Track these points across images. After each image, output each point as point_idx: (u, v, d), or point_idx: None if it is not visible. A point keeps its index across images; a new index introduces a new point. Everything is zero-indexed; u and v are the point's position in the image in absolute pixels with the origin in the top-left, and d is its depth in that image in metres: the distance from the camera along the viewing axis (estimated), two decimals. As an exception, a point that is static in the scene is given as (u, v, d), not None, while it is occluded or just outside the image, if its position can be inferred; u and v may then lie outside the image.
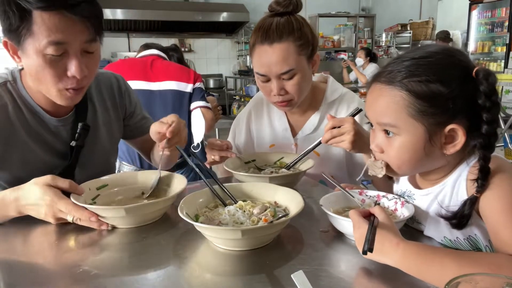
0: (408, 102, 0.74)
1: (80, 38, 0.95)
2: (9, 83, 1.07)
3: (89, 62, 1.00)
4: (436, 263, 0.64)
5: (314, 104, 1.40)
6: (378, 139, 0.82)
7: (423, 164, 0.80)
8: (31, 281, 0.72)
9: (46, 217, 0.90)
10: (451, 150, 0.75)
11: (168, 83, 2.22)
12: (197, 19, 7.27)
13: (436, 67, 0.73)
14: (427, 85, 0.72)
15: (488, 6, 7.19)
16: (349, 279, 0.70)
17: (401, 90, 0.75)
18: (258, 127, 1.48)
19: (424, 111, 0.73)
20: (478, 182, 0.72)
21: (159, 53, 2.38)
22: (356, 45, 7.96)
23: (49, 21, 0.90)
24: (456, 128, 0.73)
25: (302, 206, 0.82)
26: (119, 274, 0.73)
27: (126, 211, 0.88)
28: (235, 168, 1.21)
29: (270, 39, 1.20)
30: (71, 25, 0.92)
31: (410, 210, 0.83)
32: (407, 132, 0.76)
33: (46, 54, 0.92)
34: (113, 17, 6.67)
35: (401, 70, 0.75)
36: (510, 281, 0.48)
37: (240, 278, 0.71)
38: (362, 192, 0.95)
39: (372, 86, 0.81)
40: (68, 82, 0.98)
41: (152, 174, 1.12)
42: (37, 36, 0.91)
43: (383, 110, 0.78)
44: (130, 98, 1.32)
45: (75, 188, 0.94)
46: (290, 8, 1.23)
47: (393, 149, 0.79)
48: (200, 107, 2.34)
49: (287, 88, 1.24)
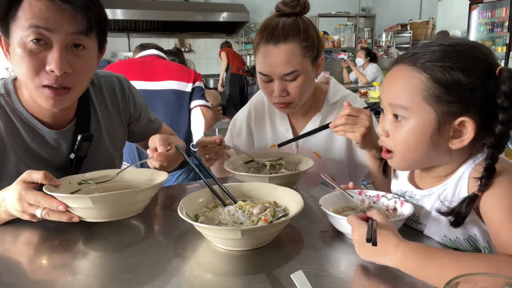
0: (426, 85, 0.73)
1: (67, 29, 0.87)
2: (1, 97, 0.99)
3: (76, 60, 0.92)
4: (436, 264, 0.64)
5: (315, 106, 1.39)
6: (386, 122, 0.81)
7: (427, 155, 0.78)
8: (30, 281, 0.72)
9: (22, 214, 0.86)
10: (458, 145, 0.75)
11: (168, 82, 2.23)
12: (197, 19, 7.26)
13: (461, 56, 0.73)
14: (449, 71, 0.71)
15: (488, 6, 7.18)
16: (349, 279, 0.70)
17: (421, 72, 0.74)
18: (258, 127, 1.48)
19: (439, 96, 0.72)
20: (481, 181, 0.72)
21: (158, 53, 2.39)
22: (356, 45, 7.96)
23: (36, 6, 0.85)
24: (466, 122, 0.72)
25: (302, 206, 0.82)
26: (119, 274, 0.73)
27: (93, 201, 0.83)
28: (235, 168, 1.21)
29: (276, 39, 1.19)
30: (59, 13, 0.86)
31: (410, 209, 0.83)
32: (417, 116, 0.75)
33: (26, 42, 0.86)
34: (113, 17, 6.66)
35: (426, 54, 0.75)
36: (509, 281, 0.48)
37: (240, 278, 0.71)
38: (361, 192, 0.95)
39: (393, 67, 0.80)
40: (45, 77, 0.89)
41: (138, 171, 1.10)
42: (21, 21, 0.86)
43: (398, 91, 0.78)
44: (134, 102, 1.26)
45: (51, 179, 0.87)
46: (297, 9, 1.22)
47: (400, 133, 0.78)
48: (200, 105, 2.34)
49: (289, 89, 1.23)
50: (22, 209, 0.85)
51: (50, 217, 0.85)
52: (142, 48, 2.50)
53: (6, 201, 0.87)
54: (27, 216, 0.87)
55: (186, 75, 2.28)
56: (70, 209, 0.85)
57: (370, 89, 4.94)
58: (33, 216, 0.87)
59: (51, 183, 0.88)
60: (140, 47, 2.55)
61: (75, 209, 0.86)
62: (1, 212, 0.89)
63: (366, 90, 4.87)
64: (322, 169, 1.31)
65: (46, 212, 0.84)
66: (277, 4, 1.24)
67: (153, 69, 2.25)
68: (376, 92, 4.51)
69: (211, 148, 1.23)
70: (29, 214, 0.86)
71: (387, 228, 0.71)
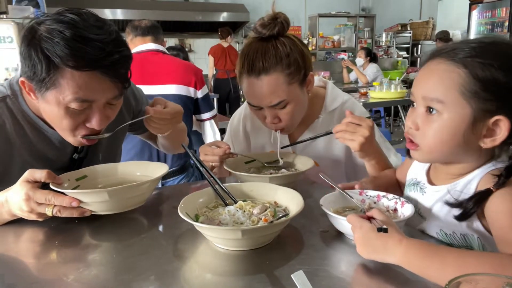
0: (464, 80, 0.72)
1: (107, 96, 0.92)
2: (8, 98, 1.00)
3: (111, 112, 0.98)
4: (438, 261, 0.64)
5: (313, 112, 1.35)
6: (417, 115, 0.80)
7: (455, 152, 0.78)
8: (31, 281, 0.72)
9: (29, 214, 0.87)
10: (489, 144, 0.74)
11: (170, 86, 2.13)
12: (197, 19, 7.26)
13: (502, 55, 0.72)
14: (489, 68, 0.71)
15: (488, 6, 7.18)
16: (349, 279, 0.70)
17: (460, 67, 0.73)
18: (255, 133, 1.45)
19: (477, 93, 0.71)
20: (500, 178, 0.72)
21: (157, 47, 2.21)
22: (356, 45, 7.96)
23: (79, 79, 0.86)
24: (501, 121, 0.72)
25: (302, 206, 0.82)
26: (119, 275, 0.73)
27: (109, 194, 0.87)
28: (235, 168, 1.21)
29: (257, 72, 1.13)
30: (101, 84, 0.89)
31: (410, 210, 0.83)
32: (453, 111, 0.74)
33: (69, 107, 0.89)
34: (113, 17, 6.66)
35: (466, 49, 0.74)
36: (510, 281, 0.48)
37: (240, 278, 0.71)
38: (362, 192, 0.95)
39: (430, 61, 0.79)
40: (85, 130, 0.96)
41: (133, 165, 1.13)
42: (63, 90, 0.86)
43: (434, 84, 0.76)
44: (135, 96, 1.28)
45: (54, 178, 0.90)
46: (275, 31, 1.14)
47: (432, 128, 0.77)
48: (212, 117, 2.34)
49: (280, 116, 1.20)
50: (30, 209, 0.86)
51: (62, 214, 0.87)
52: (134, 29, 2.23)
53: (9, 201, 0.88)
54: (34, 215, 0.87)
55: (187, 77, 2.16)
56: (81, 204, 0.88)
57: (370, 89, 4.93)
58: (40, 215, 0.87)
59: (54, 181, 0.90)
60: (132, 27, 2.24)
61: (89, 203, 0.89)
62: (4, 212, 0.89)
63: (366, 90, 4.87)
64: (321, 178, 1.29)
65: (58, 209, 0.86)
66: (255, 27, 1.17)
67: (152, 70, 2.12)
68: (376, 92, 4.50)
69: (220, 156, 1.19)
70: (37, 213, 0.87)
71: (389, 225, 0.71)
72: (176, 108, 1.12)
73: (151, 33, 2.23)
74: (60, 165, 1.08)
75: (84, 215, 0.89)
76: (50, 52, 0.83)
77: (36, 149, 1.03)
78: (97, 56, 0.85)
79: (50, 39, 0.83)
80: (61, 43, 0.83)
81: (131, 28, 2.26)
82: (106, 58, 0.86)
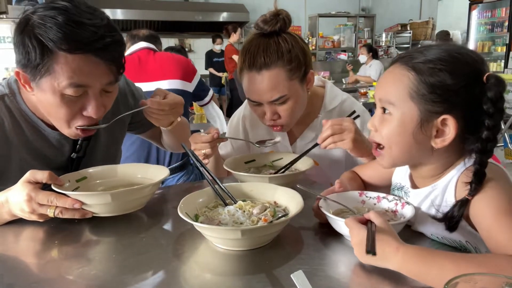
0: (412, 83, 0.76)
1: (102, 81, 0.92)
2: (6, 97, 1.00)
3: (107, 100, 0.98)
4: (436, 266, 0.65)
5: (312, 112, 1.35)
6: (375, 117, 0.84)
7: (410, 152, 0.81)
8: (30, 281, 0.72)
9: (30, 215, 0.87)
10: (440, 144, 0.77)
11: (165, 82, 2.15)
12: (197, 19, 7.26)
13: (451, 59, 0.75)
14: (436, 72, 0.74)
15: (488, 6, 7.19)
16: (348, 279, 0.70)
17: (410, 71, 0.77)
18: (255, 134, 1.44)
19: (424, 95, 0.75)
20: (471, 186, 0.73)
21: (149, 45, 2.26)
22: (356, 45, 7.97)
23: (73, 63, 0.86)
24: (448, 120, 0.74)
25: (301, 206, 0.82)
26: (118, 274, 0.73)
27: (112, 197, 0.88)
28: (235, 168, 1.21)
29: (258, 66, 1.13)
30: (95, 68, 0.89)
31: (411, 212, 0.83)
32: (401, 112, 0.78)
33: (64, 94, 0.89)
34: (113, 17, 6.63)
35: (421, 55, 0.77)
36: (509, 281, 0.48)
37: (240, 278, 0.71)
38: (362, 193, 0.95)
39: (390, 67, 0.83)
40: (81, 120, 0.95)
41: (133, 167, 1.12)
42: (58, 75, 0.86)
43: (387, 86, 0.81)
44: (133, 95, 1.28)
45: (55, 179, 0.90)
46: (277, 27, 1.15)
47: (385, 128, 0.81)
48: (211, 99, 2.42)
49: (279, 112, 1.20)
50: (31, 210, 0.86)
51: (63, 215, 0.87)
52: (131, 38, 2.32)
53: (10, 202, 0.88)
54: (35, 216, 0.87)
55: (181, 72, 2.21)
56: (83, 206, 0.89)
57: (370, 89, 4.94)
58: (41, 216, 0.88)
59: (56, 183, 0.90)
60: (130, 36, 2.36)
61: (91, 205, 0.89)
62: (4, 213, 0.90)
63: (366, 90, 4.87)
64: (322, 178, 1.30)
65: (60, 211, 0.87)
66: (257, 23, 1.17)
67: (146, 68, 2.16)
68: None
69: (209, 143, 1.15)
70: (38, 214, 0.87)
71: (386, 232, 0.70)
72: (176, 99, 1.12)
73: (149, 42, 2.30)
74: (58, 164, 1.09)
75: (86, 217, 0.89)
76: (43, 37, 0.84)
77: (34, 148, 1.04)
78: (90, 38, 0.86)
79: (43, 25, 0.84)
80: (54, 28, 0.84)
81: (129, 37, 2.35)
82: (99, 40, 0.87)
